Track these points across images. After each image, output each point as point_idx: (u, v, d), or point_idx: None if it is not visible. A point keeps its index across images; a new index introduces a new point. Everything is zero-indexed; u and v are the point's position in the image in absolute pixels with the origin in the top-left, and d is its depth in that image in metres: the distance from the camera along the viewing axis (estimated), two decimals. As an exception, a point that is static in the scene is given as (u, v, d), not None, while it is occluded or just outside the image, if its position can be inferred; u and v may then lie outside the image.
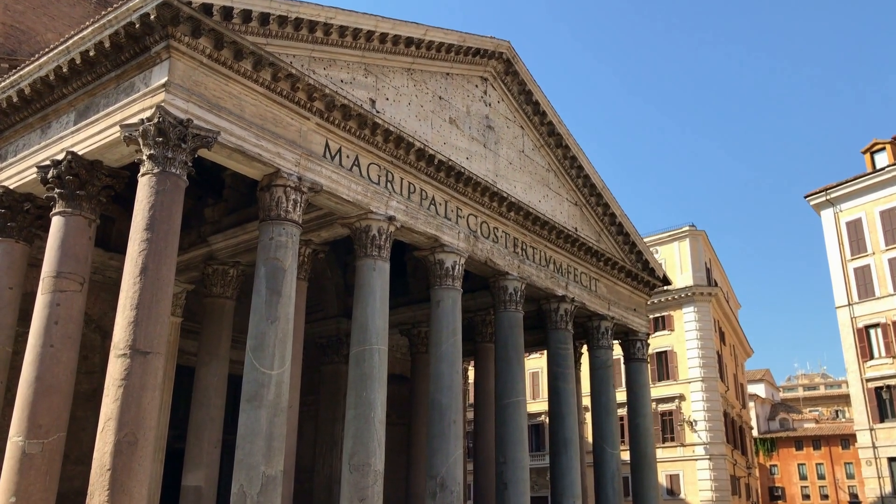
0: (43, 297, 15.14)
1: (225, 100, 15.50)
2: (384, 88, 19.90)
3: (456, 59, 22.44)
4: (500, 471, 22.29)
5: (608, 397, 27.32)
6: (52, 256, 15.36)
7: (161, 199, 13.93)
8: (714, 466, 46.86)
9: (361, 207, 18.42)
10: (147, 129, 14.22)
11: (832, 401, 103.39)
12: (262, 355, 15.29)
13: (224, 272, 21.08)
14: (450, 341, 20.46)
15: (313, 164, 17.18)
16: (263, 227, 16.45)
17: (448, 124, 21.99)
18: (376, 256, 18.67)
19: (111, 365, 13.08)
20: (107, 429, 12.61)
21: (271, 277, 15.89)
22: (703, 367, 48.42)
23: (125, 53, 14.98)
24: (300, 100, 16.83)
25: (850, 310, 43.02)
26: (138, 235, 13.72)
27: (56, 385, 14.63)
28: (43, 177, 15.97)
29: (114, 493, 12.19)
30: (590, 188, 27.57)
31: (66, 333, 14.97)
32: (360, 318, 18.24)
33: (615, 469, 26.65)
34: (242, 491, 14.46)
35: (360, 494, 16.85)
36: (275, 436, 14.94)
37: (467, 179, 21.30)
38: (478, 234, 22.11)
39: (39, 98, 16.73)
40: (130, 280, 13.50)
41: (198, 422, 19.98)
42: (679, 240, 50.84)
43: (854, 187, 45.06)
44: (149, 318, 13.22)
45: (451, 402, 19.96)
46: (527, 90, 24.96)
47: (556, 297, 25.27)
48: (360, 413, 17.44)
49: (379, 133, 18.64)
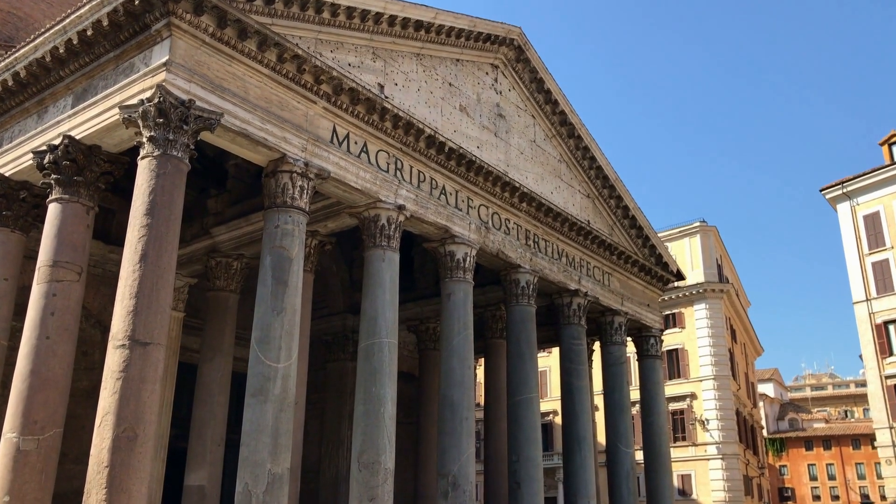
0: (39, 286, 14.47)
1: (228, 81, 14.85)
2: (393, 73, 19.22)
3: (466, 44, 21.75)
4: (512, 469, 21.58)
5: (622, 394, 26.60)
6: (48, 245, 14.70)
7: (162, 183, 13.26)
8: (727, 466, 46.00)
9: (370, 196, 17.75)
10: (147, 110, 13.57)
11: (840, 401, 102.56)
12: (267, 348, 14.63)
13: (227, 265, 20.42)
14: (461, 335, 19.77)
15: (320, 149, 16.52)
16: (269, 214, 15.79)
17: (458, 112, 21.30)
18: (385, 247, 18.00)
19: (109, 356, 12.41)
20: (104, 423, 11.94)
21: (277, 267, 15.23)
22: (714, 365, 47.59)
23: (124, 32, 14.36)
24: (306, 82, 16.18)
25: (868, 305, 42.00)
26: (138, 221, 13.06)
27: (52, 379, 13.96)
28: (39, 162, 15.32)
29: (112, 491, 11.51)
30: (602, 180, 26.86)
31: (62, 325, 14.30)
32: (369, 311, 17.56)
33: (630, 468, 25.93)
34: (247, 490, 13.78)
35: (369, 494, 16.16)
36: (281, 432, 14.27)
37: (478, 168, 20.62)
38: (489, 226, 21.42)
39: (36, 81, 16.09)
40: (129, 267, 12.83)
41: (200, 419, 19.31)
42: (690, 236, 50.01)
43: (871, 180, 44.02)
44: (149, 307, 12.56)
45: (462, 397, 19.26)
46: (538, 78, 24.26)
47: (568, 291, 24.56)
48: (370, 409, 16.75)
49: (388, 119, 17.98)
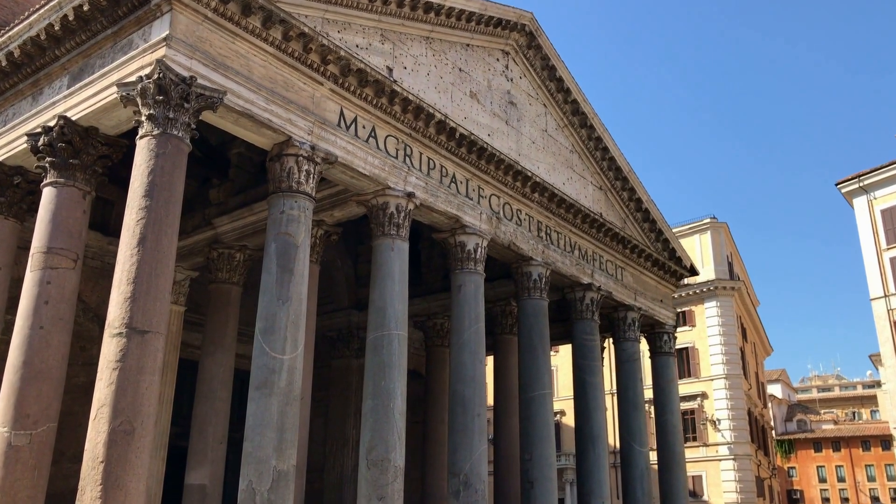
0: (32, 274, 13.76)
1: (232, 59, 14.17)
2: (402, 57, 18.51)
3: (477, 29, 21.05)
4: (525, 468, 20.85)
5: (636, 392, 25.85)
6: (42, 230, 14.00)
7: (161, 164, 12.56)
8: (739, 467, 45.04)
9: (378, 182, 17.05)
10: (146, 87, 12.88)
11: (847, 402, 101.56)
12: (272, 339, 13.92)
13: (230, 256, 19.71)
14: (472, 329, 19.04)
15: (327, 133, 15.82)
16: (273, 200, 15.08)
17: (468, 98, 20.59)
18: (395, 236, 17.30)
19: (105, 346, 11.70)
20: (100, 416, 11.24)
21: (282, 254, 14.53)
22: (726, 364, 46.67)
23: (122, 7, 13.71)
24: (313, 62, 15.48)
25: (886, 301, 40.82)
26: (136, 203, 12.38)
27: (45, 371, 13.24)
28: (33, 145, 14.63)
29: (107, 487, 10.80)
30: (615, 171, 26.12)
31: (57, 314, 13.59)
32: (377, 302, 16.84)
33: (644, 468, 25.18)
34: (251, 487, 13.06)
35: (378, 493, 15.41)
36: (287, 427, 13.55)
37: (490, 156, 19.90)
38: (500, 216, 20.69)
39: (30, 62, 15.41)
40: (127, 252, 12.14)
41: (202, 416, 18.59)
42: (700, 232, 49.09)
43: (889, 173, 42.54)
44: (147, 293, 11.86)
45: (474, 393, 18.52)
46: (550, 65, 23.54)
47: (581, 285, 23.82)
48: (379, 404, 16.02)
49: (397, 102, 17.27)
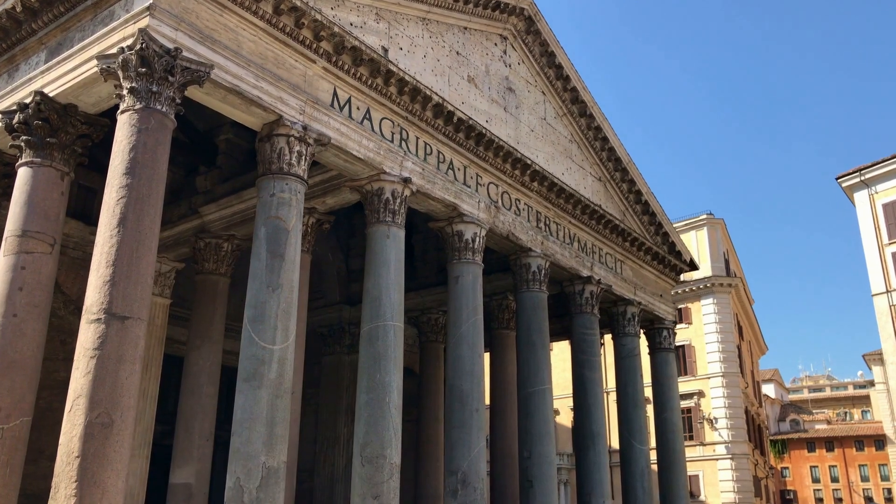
0: (6, 259, 12.93)
1: (219, 32, 13.40)
2: (398, 37, 17.79)
3: (475, 11, 20.35)
4: (524, 466, 20.13)
5: (636, 388, 25.20)
6: (16, 213, 13.17)
7: (144, 139, 11.78)
8: (736, 466, 44.45)
9: (373, 167, 16.31)
10: (128, 59, 12.10)
11: (839, 402, 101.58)
12: (262, 328, 13.15)
13: (217, 246, 18.91)
14: (470, 321, 18.32)
15: (320, 113, 15.07)
16: (263, 182, 14.32)
17: (466, 83, 19.88)
18: (390, 222, 16.57)
19: (82, 333, 10.90)
20: (75, 408, 10.43)
21: (272, 239, 13.77)
22: (723, 362, 46.11)
23: (103, -24, 12.91)
24: (305, 38, 14.74)
25: (888, 297, 40.27)
26: (116, 181, 11.58)
27: (19, 361, 12.42)
28: (7, 123, 13.81)
29: (83, 485, 10.01)
30: (615, 162, 25.48)
31: (32, 301, 12.77)
32: (372, 291, 16.10)
33: (644, 466, 24.52)
34: (239, 485, 12.28)
35: (373, 491, 14.65)
36: (277, 421, 12.78)
37: (489, 142, 19.19)
38: (499, 205, 19.99)
39: (5, 37, 14.59)
40: (107, 233, 11.34)
41: (188, 412, 17.76)
42: (697, 228, 48.57)
43: (891, 167, 41.95)
44: (128, 276, 11.07)
45: (472, 388, 17.82)
46: (549, 52, 22.88)
47: (580, 278, 23.15)
48: (374, 398, 15.27)
49: (393, 83, 16.55)
